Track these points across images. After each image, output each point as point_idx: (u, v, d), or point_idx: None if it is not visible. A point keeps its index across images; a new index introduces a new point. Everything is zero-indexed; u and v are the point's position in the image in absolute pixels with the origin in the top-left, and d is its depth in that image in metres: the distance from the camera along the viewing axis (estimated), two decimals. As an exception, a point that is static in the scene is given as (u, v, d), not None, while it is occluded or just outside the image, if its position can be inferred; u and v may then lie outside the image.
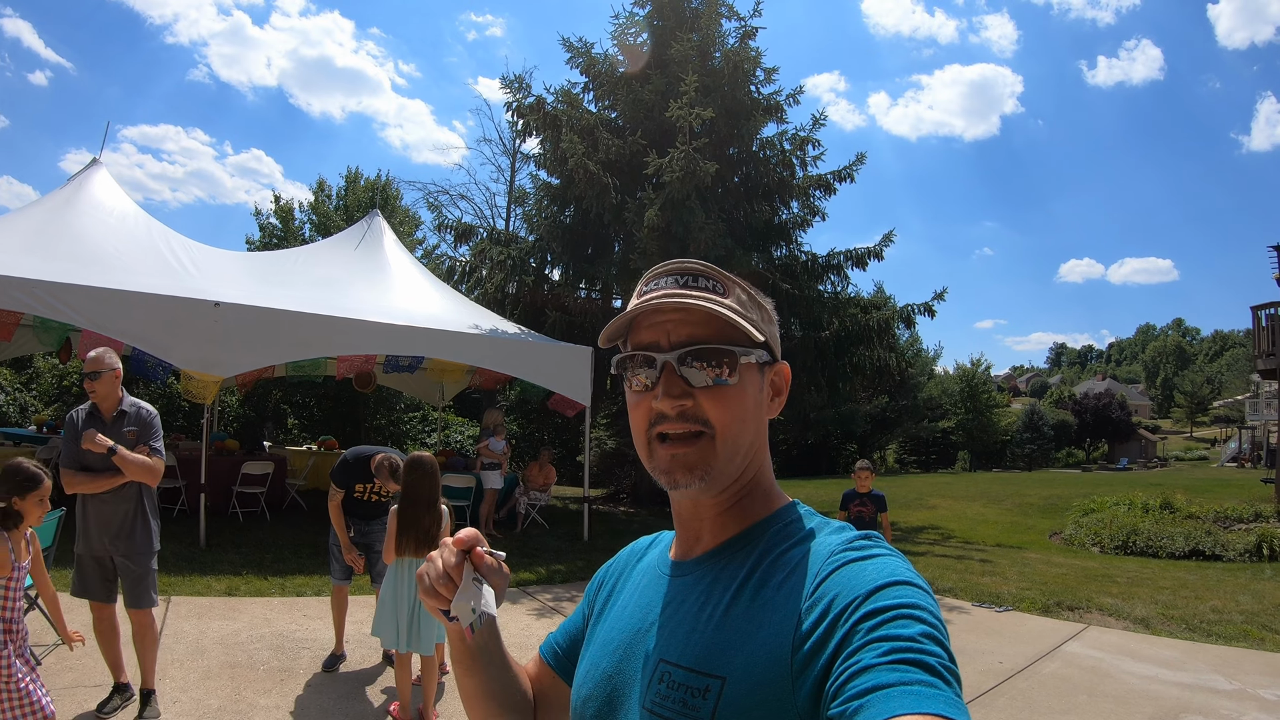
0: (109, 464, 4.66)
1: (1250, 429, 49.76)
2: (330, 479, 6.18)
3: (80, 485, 4.72)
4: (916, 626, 0.83)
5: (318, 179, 33.18)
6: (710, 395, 1.05)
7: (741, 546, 1.08)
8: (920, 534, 16.34)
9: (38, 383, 21.61)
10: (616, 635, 1.15)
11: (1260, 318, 18.24)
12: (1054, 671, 6.73)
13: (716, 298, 1.07)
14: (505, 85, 15.91)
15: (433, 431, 24.05)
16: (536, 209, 17.74)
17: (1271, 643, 7.89)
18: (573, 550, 11.54)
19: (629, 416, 1.13)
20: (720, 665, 0.95)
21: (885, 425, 46.76)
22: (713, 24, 16.45)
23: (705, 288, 1.09)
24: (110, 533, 4.80)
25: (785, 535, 1.07)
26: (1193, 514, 16.06)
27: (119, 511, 4.81)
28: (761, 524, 1.10)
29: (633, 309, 1.10)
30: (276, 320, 9.84)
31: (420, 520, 5.01)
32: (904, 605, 0.86)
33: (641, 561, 1.27)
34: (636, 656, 1.09)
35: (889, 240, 16.61)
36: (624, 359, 1.11)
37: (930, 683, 0.77)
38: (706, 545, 1.12)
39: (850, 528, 1.06)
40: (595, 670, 1.14)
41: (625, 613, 1.17)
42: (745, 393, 1.07)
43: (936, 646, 0.82)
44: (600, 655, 1.15)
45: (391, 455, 5.92)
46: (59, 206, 10.51)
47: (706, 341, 1.05)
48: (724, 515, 1.11)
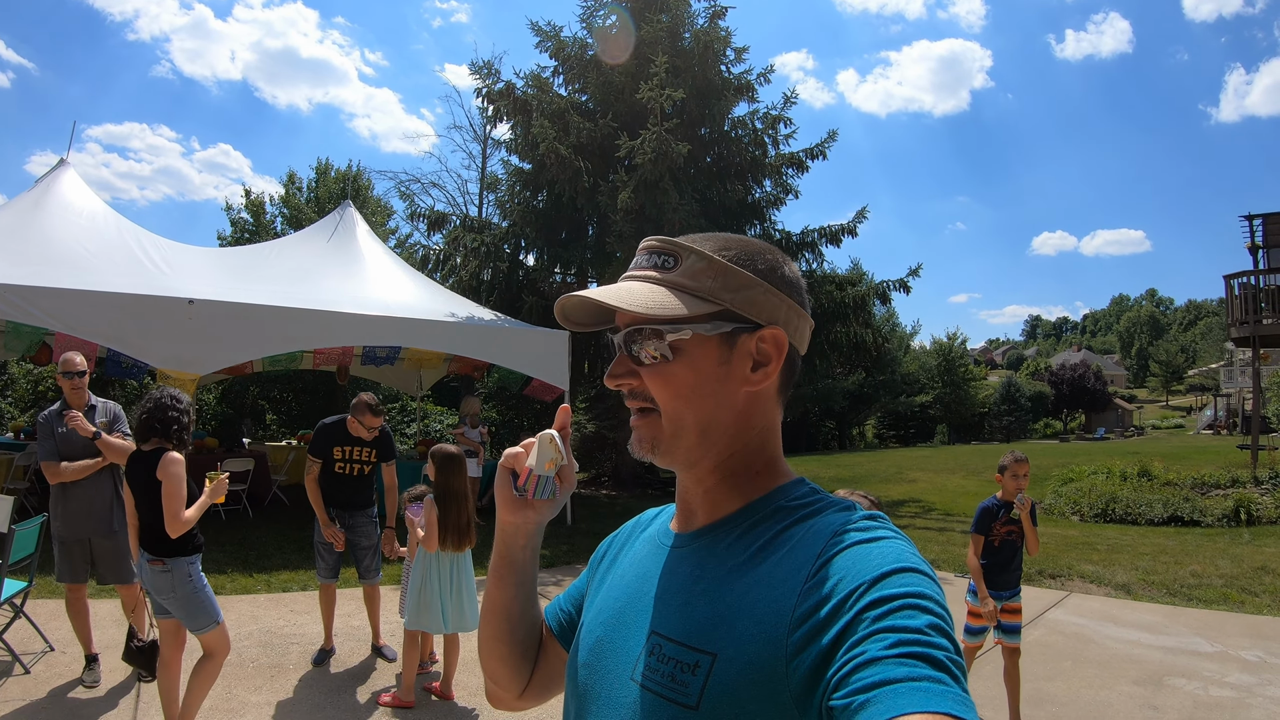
0: (86, 453, 5.26)
1: (1225, 396, 50.52)
2: (308, 455, 6.21)
3: (63, 474, 5.20)
4: (924, 618, 0.81)
5: (288, 171, 32.99)
6: (651, 373, 1.06)
7: (740, 522, 1.06)
8: (901, 507, 16.50)
9: (13, 389, 21.36)
10: (612, 603, 1.15)
11: (1233, 286, 18.41)
12: (1038, 639, 6.83)
13: (656, 274, 1.07)
14: (474, 71, 15.83)
15: (412, 422, 23.95)
16: (509, 195, 17.64)
17: (1251, 605, 8.03)
18: (556, 535, 11.56)
19: None
20: (711, 640, 0.94)
21: (863, 401, 47.09)
22: (682, 4, 16.39)
23: (656, 264, 1.09)
24: (93, 515, 5.32)
25: (787, 512, 1.04)
26: (1170, 481, 16.26)
27: (99, 494, 5.36)
28: (761, 500, 1.07)
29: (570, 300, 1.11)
30: (251, 315, 9.75)
31: (461, 514, 5.26)
32: (911, 594, 0.84)
33: (645, 532, 1.26)
34: (629, 626, 1.08)
35: (863, 217, 16.62)
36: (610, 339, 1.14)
37: (938, 678, 0.75)
38: (701, 520, 1.11)
39: (856, 506, 1.03)
40: (590, 638, 1.14)
41: (623, 581, 1.17)
42: (690, 369, 1.05)
43: (944, 639, 0.80)
44: (595, 623, 1.15)
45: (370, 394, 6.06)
46: (27, 209, 10.35)
47: (642, 322, 1.05)
48: (713, 492, 1.10)
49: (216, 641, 4.40)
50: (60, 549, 5.32)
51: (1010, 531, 5.14)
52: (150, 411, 4.30)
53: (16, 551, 5.52)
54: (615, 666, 1.06)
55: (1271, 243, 19.75)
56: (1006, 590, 5.20)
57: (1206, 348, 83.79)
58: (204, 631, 4.34)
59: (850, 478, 22.34)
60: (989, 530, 5.16)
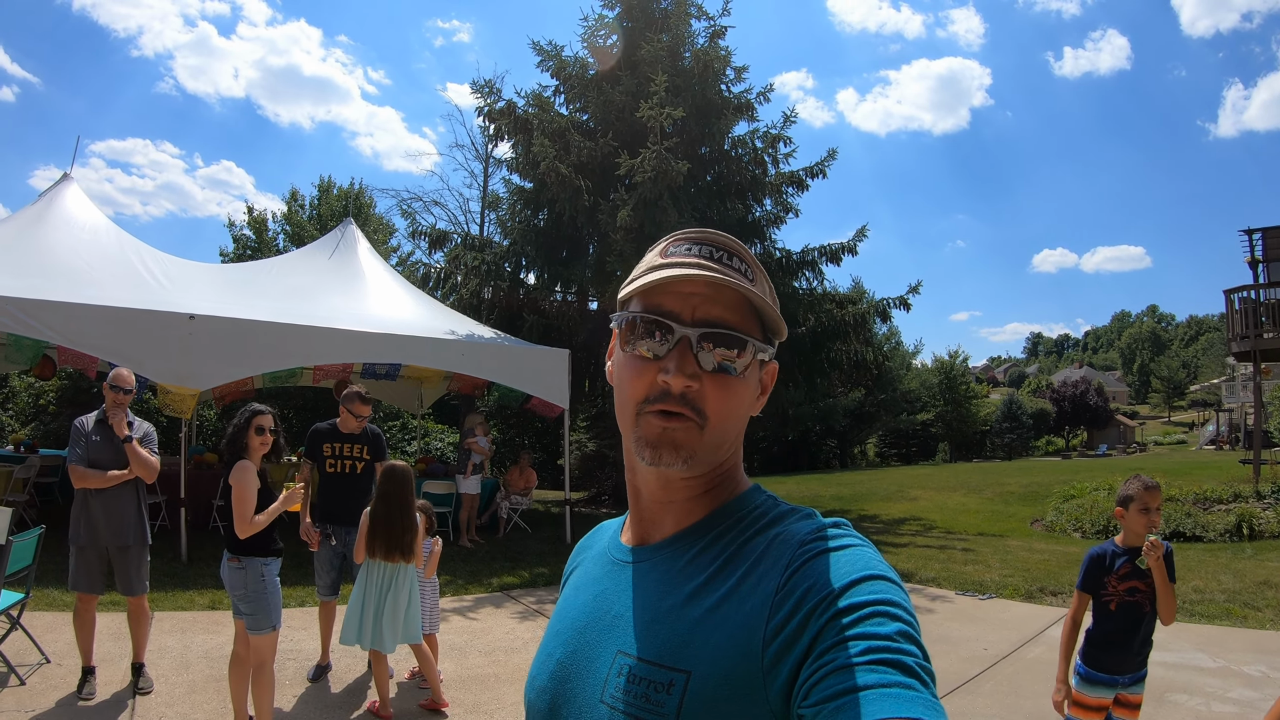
0: (115, 463, 5.34)
1: (1227, 412, 50.37)
2: (303, 460, 6.39)
3: (90, 480, 5.27)
4: (893, 625, 0.82)
5: (290, 189, 33.06)
6: (714, 382, 0.99)
7: (705, 532, 1.03)
8: (902, 525, 16.46)
9: (14, 402, 21.39)
10: (569, 624, 1.10)
11: (1234, 301, 18.40)
12: (1039, 656, 6.80)
13: (748, 283, 1.01)
14: (476, 90, 15.95)
15: (412, 439, 23.96)
16: (510, 213, 17.74)
17: (1254, 620, 8.00)
18: (555, 553, 11.54)
19: (618, 379, 1.06)
20: (684, 659, 0.91)
21: (865, 419, 46.98)
22: (682, 24, 16.52)
23: (738, 269, 1.02)
24: (115, 524, 5.38)
25: (750, 521, 1.02)
26: (1173, 496, 16.20)
27: (124, 505, 5.43)
28: (725, 509, 1.05)
29: (666, 274, 1.00)
30: (252, 331, 9.78)
31: (393, 523, 5.19)
32: (880, 602, 0.84)
33: (592, 550, 1.23)
34: (592, 647, 1.03)
35: (863, 235, 16.67)
36: (635, 319, 1.02)
37: (908, 684, 0.76)
38: (668, 530, 1.07)
39: (816, 514, 1.01)
40: (549, 661, 1.09)
41: (578, 601, 1.13)
42: (746, 386, 1.02)
43: (912, 645, 0.80)
44: (554, 645, 1.11)
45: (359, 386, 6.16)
46: (30, 223, 10.41)
47: (729, 326, 0.99)
48: (692, 501, 1.06)
49: (266, 646, 4.64)
50: (77, 557, 5.34)
51: (1134, 589, 3.67)
52: (242, 425, 4.79)
53: (14, 563, 5.51)
54: (582, 690, 1.01)
55: (1271, 257, 19.73)
56: (1126, 674, 3.76)
57: (1208, 363, 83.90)
58: (260, 633, 4.60)
59: (851, 495, 22.30)
60: (1102, 587, 3.74)
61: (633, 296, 1.05)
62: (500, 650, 6.88)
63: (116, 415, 5.34)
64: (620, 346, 1.05)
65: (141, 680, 5.44)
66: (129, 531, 5.44)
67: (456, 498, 12.60)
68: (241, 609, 4.64)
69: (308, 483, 5.83)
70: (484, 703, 5.62)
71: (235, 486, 4.59)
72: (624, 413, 1.04)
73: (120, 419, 5.30)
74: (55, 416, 20.05)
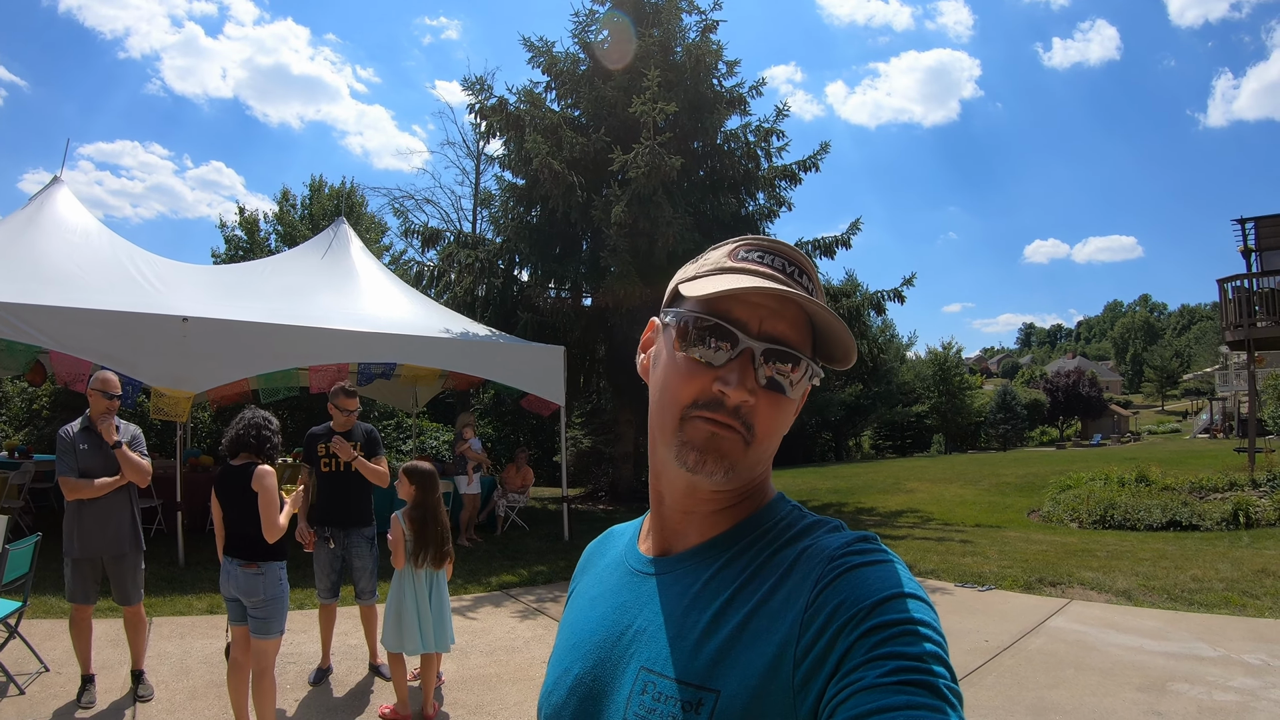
0: (106, 470, 5.25)
1: (1221, 400, 50.50)
2: (301, 464, 6.37)
3: (82, 490, 5.17)
4: (923, 645, 0.80)
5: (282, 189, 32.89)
6: (767, 399, 0.95)
7: (730, 545, 1.00)
8: (899, 517, 16.47)
9: (7, 407, 21.30)
10: (587, 638, 1.06)
11: (1227, 290, 18.44)
12: (1040, 647, 6.80)
13: (820, 304, 0.96)
14: (467, 87, 15.88)
15: (408, 438, 23.94)
16: (503, 210, 17.70)
17: (1253, 608, 8.01)
18: (554, 550, 11.52)
19: (663, 379, 1.01)
20: (713, 677, 0.88)
21: (860, 412, 47.16)
22: (673, 18, 16.49)
23: (806, 287, 1.00)
24: (110, 534, 5.29)
25: (777, 534, 0.99)
26: (1168, 486, 16.26)
27: (117, 513, 5.35)
28: (750, 520, 1.02)
29: (742, 282, 0.94)
30: (245, 333, 9.73)
31: (438, 532, 5.28)
32: (910, 621, 0.82)
33: (605, 558, 1.20)
34: (614, 663, 1.00)
35: (856, 228, 16.71)
36: (698, 321, 0.97)
37: (936, 705, 0.75)
38: (692, 541, 1.04)
39: (844, 526, 1.00)
40: (566, 676, 1.06)
41: (595, 613, 1.09)
42: (794, 405, 0.99)
43: (941, 667, 0.79)
44: (571, 660, 1.07)
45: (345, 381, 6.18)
46: (21, 226, 10.33)
47: (791, 345, 0.96)
48: (719, 513, 1.02)
49: (273, 651, 4.66)
50: (72, 568, 5.25)
51: None
52: (244, 429, 4.78)
53: (11, 571, 5.48)
54: (604, 707, 0.98)
55: (1264, 246, 19.83)
56: None
57: (1201, 352, 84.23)
58: (268, 638, 4.61)
59: (848, 488, 22.29)
60: None
61: (690, 295, 0.98)
62: (501, 650, 6.86)
63: (105, 421, 5.24)
64: (673, 347, 1.00)
65: (141, 687, 5.41)
66: (124, 539, 5.37)
67: (455, 498, 12.58)
68: (255, 614, 4.61)
69: (308, 485, 5.82)
70: (487, 703, 5.60)
71: (263, 492, 4.58)
72: (666, 414, 0.99)
73: (109, 425, 5.21)
74: (49, 422, 19.98)
